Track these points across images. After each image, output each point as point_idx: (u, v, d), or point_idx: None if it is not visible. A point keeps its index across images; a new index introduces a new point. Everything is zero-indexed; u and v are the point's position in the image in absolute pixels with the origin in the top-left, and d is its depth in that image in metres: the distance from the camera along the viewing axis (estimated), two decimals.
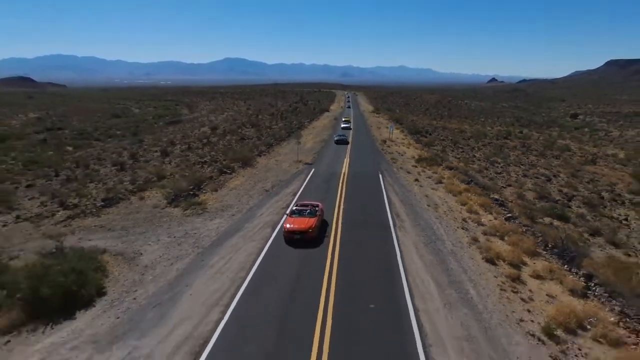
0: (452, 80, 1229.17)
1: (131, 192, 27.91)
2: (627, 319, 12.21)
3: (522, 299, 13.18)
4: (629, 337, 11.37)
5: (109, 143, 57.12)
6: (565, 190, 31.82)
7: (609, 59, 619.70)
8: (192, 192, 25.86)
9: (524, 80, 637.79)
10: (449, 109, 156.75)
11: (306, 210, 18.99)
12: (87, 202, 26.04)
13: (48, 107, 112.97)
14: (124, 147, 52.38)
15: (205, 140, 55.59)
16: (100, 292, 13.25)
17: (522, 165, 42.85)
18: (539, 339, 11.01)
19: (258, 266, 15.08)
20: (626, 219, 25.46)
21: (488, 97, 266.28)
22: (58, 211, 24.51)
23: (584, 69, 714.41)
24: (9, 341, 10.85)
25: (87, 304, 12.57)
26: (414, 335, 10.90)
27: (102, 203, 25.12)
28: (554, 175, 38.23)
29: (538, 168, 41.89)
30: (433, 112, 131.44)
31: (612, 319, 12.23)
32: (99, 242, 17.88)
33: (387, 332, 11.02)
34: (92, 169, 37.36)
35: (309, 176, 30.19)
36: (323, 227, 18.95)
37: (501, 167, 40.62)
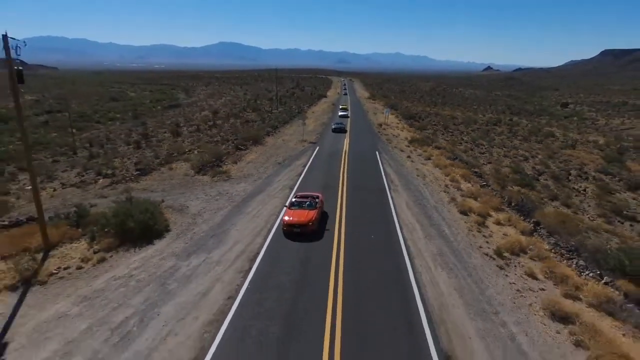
0: (448, 68, 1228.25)
1: (159, 164, 32.05)
2: (558, 247, 16.85)
3: (484, 236, 17.79)
4: (555, 256, 16.00)
5: (111, 126, 59.76)
6: (538, 167, 36.52)
7: (603, 49, 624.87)
8: (214, 164, 30.09)
9: (520, 69, 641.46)
10: (443, 97, 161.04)
11: (306, 202, 18.44)
12: (123, 172, 30.19)
13: (42, 89, 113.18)
14: (129, 129, 55.44)
15: (211, 123, 59.34)
16: (167, 229, 17.58)
17: (504, 147, 47.44)
18: (491, 257, 15.61)
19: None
20: (584, 190, 30.19)
21: (482, 86, 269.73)
22: (98, 179, 28.63)
23: (579, 58, 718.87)
24: (112, 256, 15.17)
25: (159, 235, 16.90)
26: (402, 252, 15.47)
27: (138, 172, 29.30)
28: (532, 157, 42.88)
29: (519, 150, 46.51)
30: (427, 100, 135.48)
31: (546, 247, 16.87)
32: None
33: (384, 252, 15.56)
34: (109, 148, 41.26)
35: (315, 152, 34.53)
36: (324, 218, 18.63)
37: (485, 148, 45.18)
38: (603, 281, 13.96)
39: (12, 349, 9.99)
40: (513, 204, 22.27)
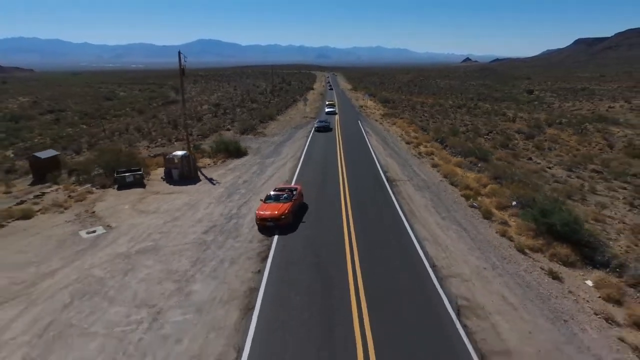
0: (428, 60, 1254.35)
1: (210, 132, 47.13)
2: (450, 151, 32.96)
3: (416, 150, 33.85)
4: (448, 154, 32.15)
5: (125, 119, 67.27)
6: (469, 127, 53.00)
7: (577, 38, 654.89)
8: (251, 130, 45.43)
9: (497, 60, 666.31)
10: (419, 87, 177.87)
11: (283, 195, 18.73)
12: (190, 137, 45.20)
13: (32, 91, 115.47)
14: (145, 120, 67.27)
15: (222, 112, 74.07)
16: (246, 153, 32.99)
17: (455, 120, 63.84)
18: (415, 156, 31.62)
19: (307, 147, 35.24)
20: (490, 136, 46.58)
21: (459, 76, 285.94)
22: (175, 141, 43.61)
23: (555, 47, 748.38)
24: (224, 160, 30.46)
25: (244, 154, 32.33)
26: (373, 156, 31.34)
27: (200, 136, 44.45)
28: (471, 124, 59.31)
29: (465, 121, 62.90)
30: (405, 90, 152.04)
31: (445, 152, 32.98)
32: None
33: (365, 156, 31.48)
34: (147, 131, 55.74)
35: (316, 121, 50.35)
36: (302, 209, 19.21)
37: (439, 120, 61.51)
38: (463, 158, 30.10)
39: (218, 176, 25.41)
40: (437, 140, 38.50)
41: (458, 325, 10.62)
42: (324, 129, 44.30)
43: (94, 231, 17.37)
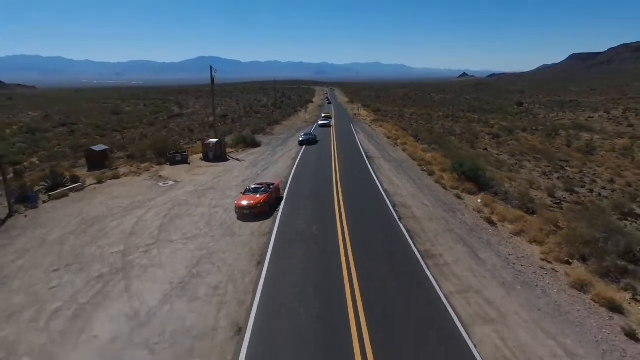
0: (426, 75, 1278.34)
1: (225, 133, 56.39)
2: (419, 141, 42.18)
3: (394, 143, 43.02)
4: (418, 144, 41.37)
5: (138, 130, 73.26)
6: (445, 129, 62.38)
7: (571, 53, 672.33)
8: (261, 130, 54.70)
9: (494, 75, 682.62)
10: (413, 100, 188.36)
11: (261, 188, 20.98)
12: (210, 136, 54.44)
13: (39, 107, 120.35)
14: (158, 131, 76.44)
15: (231, 120, 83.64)
16: (259, 145, 42.14)
17: (436, 125, 73.28)
18: (393, 145, 40.81)
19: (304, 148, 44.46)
20: (462, 135, 55.88)
21: (454, 91, 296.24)
22: (197, 141, 52.81)
23: (550, 62, 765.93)
24: (244, 149, 39.59)
25: (258, 146, 41.51)
26: (360, 148, 40.58)
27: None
28: (449, 127, 68.70)
29: (444, 126, 72.33)
30: (399, 103, 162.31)
31: (417, 144, 42.20)
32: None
33: (353, 148, 40.74)
34: (168, 136, 65.06)
35: (315, 125, 59.75)
36: (279, 201, 21.62)
37: (422, 125, 70.96)
38: (428, 146, 39.27)
39: (241, 157, 34.52)
40: (413, 135, 47.78)
41: (392, 210, 19.71)
42: (308, 142, 41.90)
43: (167, 183, 26.42)
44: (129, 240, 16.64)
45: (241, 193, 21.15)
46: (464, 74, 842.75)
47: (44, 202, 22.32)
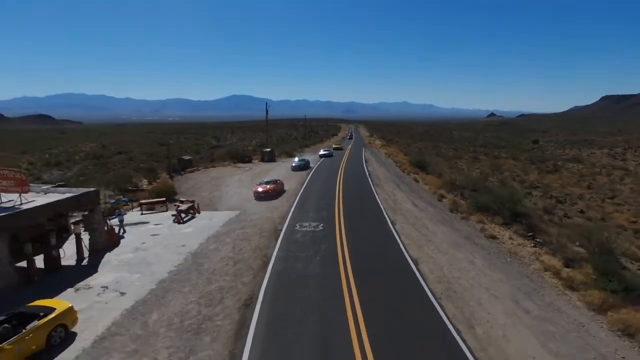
0: (453, 115, 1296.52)
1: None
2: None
3: (390, 158, 60.80)
4: (405, 162, 58.96)
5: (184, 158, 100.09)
6: (438, 153, 79.39)
7: (604, 95, 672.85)
8: (293, 151, 73.68)
9: (522, 115, 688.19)
10: (430, 136, 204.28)
11: (271, 181, 32.38)
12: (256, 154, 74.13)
13: (92, 139, 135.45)
14: (209, 155, 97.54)
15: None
16: (294, 156, 60.79)
17: (433, 149, 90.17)
18: (387, 157, 58.61)
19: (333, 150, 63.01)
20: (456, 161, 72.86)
21: (477, 129, 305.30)
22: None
23: (583, 104, 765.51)
24: (285, 159, 58.28)
25: (294, 157, 60.12)
26: (363, 163, 58.65)
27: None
28: (443, 153, 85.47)
29: (439, 152, 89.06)
30: (415, 138, 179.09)
31: (403, 158, 59.79)
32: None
33: (360, 163, 58.72)
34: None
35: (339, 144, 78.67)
36: (282, 190, 32.42)
37: (420, 150, 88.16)
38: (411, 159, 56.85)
39: (284, 161, 53.24)
40: (405, 154, 65.34)
41: (368, 175, 37.72)
42: (299, 167, 46.74)
43: (246, 168, 45.31)
44: (237, 182, 35.24)
45: (256, 184, 32.19)
46: (492, 114, 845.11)
47: (183, 174, 41.57)
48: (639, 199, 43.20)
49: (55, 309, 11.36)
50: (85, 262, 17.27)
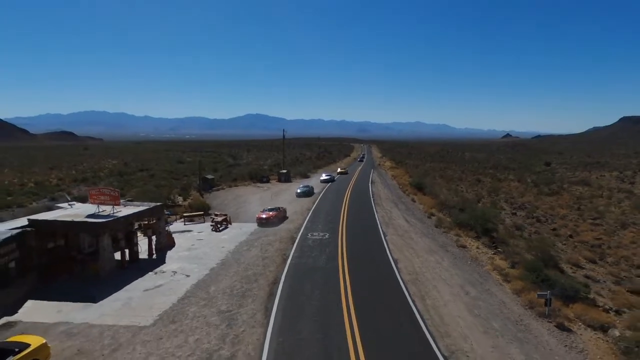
0: (468, 135, 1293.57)
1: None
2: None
3: (395, 179, 66.91)
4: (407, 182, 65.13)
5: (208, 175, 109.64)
6: (440, 174, 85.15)
7: (622, 116, 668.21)
8: (307, 171, 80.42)
9: (539, 136, 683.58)
10: (441, 157, 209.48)
11: (273, 209, 33.78)
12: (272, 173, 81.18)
13: (113, 156, 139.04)
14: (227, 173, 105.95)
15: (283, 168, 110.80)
16: (309, 177, 67.39)
17: (442, 175, 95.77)
18: (391, 178, 64.77)
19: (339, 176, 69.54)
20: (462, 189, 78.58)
21: (490, 150, 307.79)
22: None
23: (601, 125, 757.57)
24: (300, 179, 64.98)
25: (308, 177, 66.77)
26: (369, 183, 64.84)
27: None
28: (449, 173, 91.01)
29: (446, 172, 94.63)
30: (425, 159, 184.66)
31: (407, 179, 65.95)
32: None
33: (366, 181, 65.09)
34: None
35: (349, 166, 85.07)
36: (284, 217, 33.89)
37: (431, 176, 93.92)
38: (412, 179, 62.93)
39: (298, 182, 60.04)
40: (409, 174, 71.42)
41: (370, 186, 43.94)
42: (304, 194, 46.09)
43: (265, 187, 52.05)
44: (259, 200, 41.89)
45: (260, 211, 33.76)
46: (508, 135, 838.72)
47: (210, 192, 48.42)
48: (623, 220, 48.14)
49: (30, 344, 11.69)
50: (154, 256, 23.86)
